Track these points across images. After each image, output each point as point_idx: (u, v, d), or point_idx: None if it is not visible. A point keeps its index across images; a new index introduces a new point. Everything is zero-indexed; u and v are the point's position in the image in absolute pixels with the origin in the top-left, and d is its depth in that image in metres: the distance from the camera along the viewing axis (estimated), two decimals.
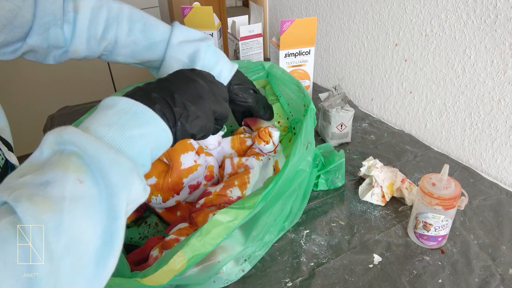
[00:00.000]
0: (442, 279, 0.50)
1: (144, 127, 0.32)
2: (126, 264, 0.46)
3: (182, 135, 0.37)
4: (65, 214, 0.25)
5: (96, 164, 0.27)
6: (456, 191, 0.50)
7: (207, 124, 0.39)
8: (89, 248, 0.26)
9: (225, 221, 0.40)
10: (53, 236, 0.24)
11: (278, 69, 0.65)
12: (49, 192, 0.25)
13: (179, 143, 0.58)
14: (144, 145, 0.32)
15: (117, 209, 0.27)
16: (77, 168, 0.27)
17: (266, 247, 0.53)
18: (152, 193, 0.56)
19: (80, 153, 0.28)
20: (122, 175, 0.28)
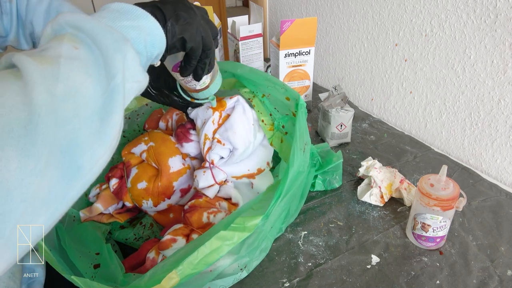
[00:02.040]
0: (440, 280, 0.50)
1: (135, 20, 0.33)
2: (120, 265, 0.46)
3: (172, 39, 0.37)
4: (61, 66, 0.26)
5: (89, 35, 0.29)
6: (455, 192, 0.49)
7: (196, 35, 0.39)
8: (90, 102, 0.27)
9: (223, 243, 0.40)
10: (52, 81, 0.25)
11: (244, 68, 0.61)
12: (45, 53, 0.27)
13: (166, 147, 0.57)
14: (137, 34, 0.33)
15: (113, 69, 0.28)
16: (72, 40, 0.28)
17: (264, 253, 0.52)
18: (143, 197, 0.56)
19: (75, 32, 0.29)
20: (115, 40, 0.29)
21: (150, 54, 0.35)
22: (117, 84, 0.28)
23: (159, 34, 0.35)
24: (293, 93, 0.57)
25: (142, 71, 0.32)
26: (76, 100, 0.26)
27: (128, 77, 0.30)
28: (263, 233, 0.47)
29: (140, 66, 0.32)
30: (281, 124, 0.63)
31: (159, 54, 0.37)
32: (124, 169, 0.59)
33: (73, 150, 0.25)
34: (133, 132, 0.70)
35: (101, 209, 0.58)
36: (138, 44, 0.33)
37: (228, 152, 0.57)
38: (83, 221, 0.57)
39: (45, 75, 0.25)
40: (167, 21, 0.36)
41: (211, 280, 0.45)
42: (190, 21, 0.39)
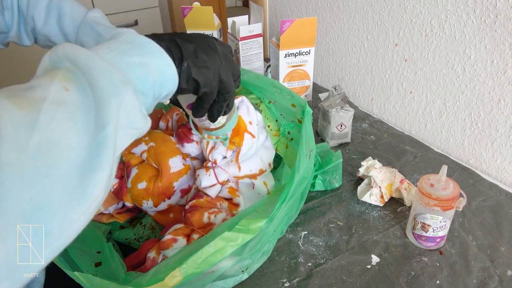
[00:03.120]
0: (440, 280, 0.50)
1: (146, 56, 0.30)
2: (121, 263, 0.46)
3: (186, 80, 0.34)
4: (42, 113, 0.23)
5: (85, 74, 0.26)
6: (455, 192, 0.49)
7: (213, 80, 0.36)
8: (70, 155, 0.23)
9: (227, 244, 0.40)
10: (26, 131, 0.22)
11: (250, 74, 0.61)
12: (29, 94, 0.24)
13: (166, 147, 0.57)
14: (145, 73, 0.29)
15: (104, 117, 0.25)
16: (64, 78, 0.25)
17: (265, 255, 0.52)
18: (143, 197, 0.56)
19: (71, 68, 0.26)
20: (112, 82, 0.26)
21: (158, 94, 0.31)
22: (106, 136, 0.25)
23: (171, 75, 0.32)
24: (299, 100, 0.56)
25: (142, 117, 0.28)
26: (52, 154, 0.22)
27: (124, 124, 0.27)
28: (266, 236, 0.47)
29: (140, 112, 0.28)
30: (286, 130, 0.63)
31: (169, 94, 0.33)
32: (124, 169, 0.59)
33: (38, 215, 0.22)
34: None
35: (101, 209, 0.58)
36: (144, 84, 0.29)
37: (231, 152, 0.57)
38: None
39: (20, 125, 0.22)
40: (183, 61, 0.33)
41: (213, 281, 0.45)
42: (210, 64, 0.35)
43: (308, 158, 0.49)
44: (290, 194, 0.45)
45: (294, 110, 0.59)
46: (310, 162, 0.51)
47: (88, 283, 0.38)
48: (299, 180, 0.47)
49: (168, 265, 0.40)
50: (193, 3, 0.94)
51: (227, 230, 0.40)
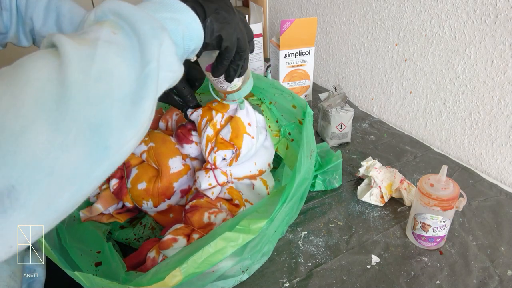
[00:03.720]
0: (440, 280, 0.50)
1: (175, 13, 0.34)
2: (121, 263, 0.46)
3: (211, 35, 0.38)
4: (98, 48, 0.27)
5: (129, 22, 0.29)
6: (455, 192, 0.49)
7: (233, 36, 0.40)
8: (123, 85, 0.27)
9: (228, 244, 0.40)
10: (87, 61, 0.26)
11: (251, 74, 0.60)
12: (85, 35, 0.28)
13: (166, 147, 0.57)
14: (175, 26, 0.33)
15: (148, 54, 0.29)
16: (111, 26, 0.29)
17: (266, 256, 0.52)
18: (143, 198, 0.56)
19: (115, 19, 0.30)
20: (152, 27, 0.30)
21: (187, 47, 0.35)
22: (151, 70, 0.29)
23: (198, 29, 0.36)
24: (300, 101, 0.57)
25: (177, 61, 0.32)
26: (109, 81, 0.26)
27: (163, 66, 0.30)
28: (267, 236, 0.47)
29: (176, 56, 0.32)
30: (287, 131, 0.63)
31: (196, 48, 0.37)
32: (124, 170, 0.59)
33: (102, 130, 0.26)
34: None
35: (101, 209, 0.58)
36: (176, 36, 0.33)
37: (230, 154, 0.57)
38: (83, 221, 0.57)
39: (82, 55, 0.26)
40: (207, 18, 0.37)
41: (213, 281, 0.45)
42: (230, 20, 0.39)
43: (309, 159, 0.49)
44: (291, 194, 0.45)
45: (294, 111, 0.60)
46: (311, 163, 0.51)
47: (88, 283, 0.38)
48: (300, 181, 0.47)
49: (168, 264, 0.40)
50: None
51: (227, 230, 0.40)
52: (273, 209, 0.43)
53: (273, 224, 0.45)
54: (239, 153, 0.56)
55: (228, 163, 0.57)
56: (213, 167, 0.56)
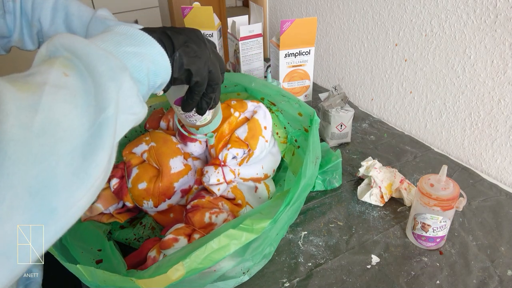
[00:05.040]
0: (440, 280, 0.50)
1: (139, 46, 0.31)
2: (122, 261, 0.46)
3: (179, 70, 0.35)
4: (44, 95, 0.23)
5: (83, 61, 0.26)
6: (455, 192, 0.49)
7: (204, 69, 0.38)
8: (73, 137, 0.24)
9: (231, 241, 0.40)
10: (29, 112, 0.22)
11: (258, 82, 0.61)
12: (30, 79, 0.24)
13: (167, 147, 0.58)
14: (139, 62, 0.31)
15: (105, 99, 0.26)
16: (63, 65, 0.26)
17: (266, 259, 0.52)
18: (144, 197, 0.56)
19: (69, 56, 0.27)
20: (110, 67, 0.27)
21: (152, 83, 0.33)
22: (107, 118, 0.26)
23: (165, 64, 0.33)
24: (307, 109, 0.57)
25: (139, 102, 0.30)
26: (56, 134, 0.23)
27: (123, 109, 0.28)
28: (269, 238, 0.47)
29: (137, 97, 0.29)
30: (294, 138, 0.64)
31: (163, 83, 0.35)
32: (125, 169, 0.59)
33: (45, 191, 0.22)
34: (135, 133, 0.70)
35: (101, 209, 0.58)
36: (139, 72, 0.31)
37: (242, 153, 0.57)
38: (83, 221, 0.57)
39: (22, 106, 0.22)
40: (175, 51, 0.35)
41: (214, 281, 0.45)
42: (200, 54, 0.37)
43: (314, 165, 0.50)
44: (295, 197, 0.45)
45: (300, 119, 0.60)
46: (315, 169, 0.51)
47: (89, 277, 0.38)
48: (304, 185, 0.47)
49: (171, 260, 0.40)
50: (193, 3, 0.94)
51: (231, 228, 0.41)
52: (276, 211, 0.43)
53: (276, 226, 0.45)
54: (252, 153, 0.57)
55: (239, 162, 0.57)
56: (222, 164, 0.56)
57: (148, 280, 0.37)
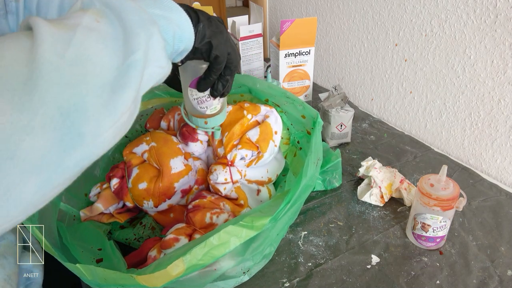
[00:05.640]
0: (440, 280, 0.50)
1: (167, 11, 0.33)
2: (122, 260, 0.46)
3: (201, 39, 0.37)
4: (77, 33, 0.25)
5: (116, 12, 0.28)
6: (455, 192, 0.49)
7: (225, 46, 0.39)
8: (103, 72, 0.26)
9: (231, 238, 0.40)
10: (63, 44, 0.24)
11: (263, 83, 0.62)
12: (65, 21, 0.26)
13: (168, 147, 0.58)
14: (167, 24, 0.32)
15: (134, 44, 0.28)
16: (96, 13, 0.28)
17: (266, 259, 0.52)
18: (144, 197, 0.56)
19: (103, 8, 0.28)
20: (142, 19, 0.29)
21: (177, 47, 0.35)
22: (135, 60, 0.27)
23: (189, 30, 0.35)
24: (311, 111, 0.58)
25: (166, 57, 0.31)
26: (86, 67, 0.25)
27: (151, 60, 0.29)
28: (269, 238, 0.47)
29: (165, 52, 0.31)
30: (296, 140, 0.64)
31: (185, 50, 0.36)
32: (125, 169, 0.59)
33: (75, 115, 0.24)
34: (135, 132, 0.70)
35: (101, 208, 0.58)
36: (166, 33, 0.32)
37: (251, 155, 0.57)
38: (83, 221, 0.57)
39: (57, 38, 0.24)
40: (200, 22, 0.37)
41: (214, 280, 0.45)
42: (222, 30, 0.39)
43: (315, 166, 0.50)
44: (295, 196, 0.45)
45: (303, 121, 0.61)
46: (316, 170, 0.51)
47: (89, 275, 0.38)
48: (305, 186, 0.47)
49: (171, 258, 0.40)
50: (193, 3, 0.94)
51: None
52: (276, 210, 0.43)
53: (276, 226, 0.45)
54: (262, 156, 0.58)
55: (247, 163, 0.58)
56: (230, 164, 0.57)
57: (149, 276, 0.37)
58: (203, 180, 0.60)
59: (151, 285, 0.37)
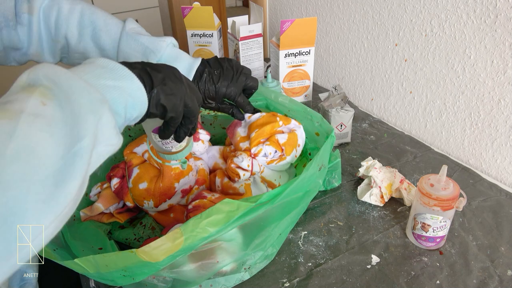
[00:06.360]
0: (440, 280, 0.50)
1: (119, 80, 0.32)
2: None
3: (155, 106, 0.37)
4: (20, 123, 0.24)
5: (64, 92, 0.27)
6: (455, 192, 0.49)
7: (179, 106, 0.39)
8: (46, 164, 0.24)
9: (226, 210, 0.40)
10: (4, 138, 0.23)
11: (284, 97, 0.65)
12: (8, 106, 0.25)
13: None
14: (118, 95, 0.32)
15: (82, 130, 0.26)
16: (42, 94, 0.26)
17: (268, 259, 0.52)
18: (144, 197, 0.56)
19: (49, 85, 0.27)
20: (91, 100, 0.28)
21: (129, 115, 0.34)
22: (82, 148, 0.26)
23: (142, 99, 0.34)
24: (327, 127, 0.60)
25: (116, 134, 0.30)
26: (29, 161, 0.23)
27: (100, 141, 0.28)
28: (271, 237, 0.47)
29: (115, 129, 0.30)
30: (308, 152, 0.66)
31: (138, 116, 0.36)
32: (125, 169, 0.59)
33: (12, 219, 0.22)
34: (138, 131, 0.70)
35: (101, 208, 0.58)
36: (117, 105, 0.31)
37: (274, 153, 0.59)
38: (83, 221, 0.57)
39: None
40: (154, 88, 0.36)
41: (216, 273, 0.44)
42: (176, 92, 0.38)
43: (318, 170, 0.50)
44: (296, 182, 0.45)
45: (317, 138, 0.63)
46: (319, 175, 0.52)
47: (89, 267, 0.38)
48: (306, 177, 0.47)
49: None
50: (193, 3, 0.94)
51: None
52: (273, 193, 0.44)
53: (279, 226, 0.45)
54: (284, 158, 0.60)
55: (269, 161, 0.59)
56: (253, 156, 0.59)
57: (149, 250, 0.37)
58: (203, 180, 0.60)
59: (153, 260, 0.37)
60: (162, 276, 0.44)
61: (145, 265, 0.38)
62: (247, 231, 0.45)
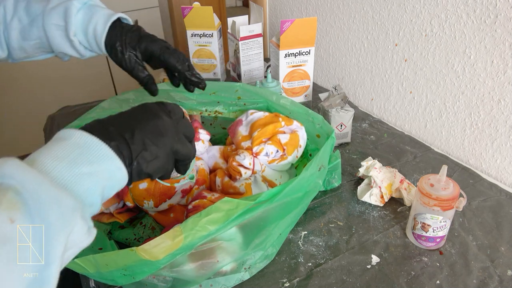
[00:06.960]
0: (440, 280, 0.50)
1: (96, 164, 0.30)
2: None
3: (138, 176, 0.35)
4: None
5: (34, 201, 0.25)
6: (455, 192, 0.49)
7: (166, 165, 0.37)
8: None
9: (225, 208, 0.40)
10: None
11: (286, 99, 0.65)
12: None
13: None
14: (94, 184, 0.30)
15: (51, 254, 0.25)
16: (11, 205, 0.24)
17: (268, 259, 0.52)
18: (145, 197, 0.56)
19: (19, 188, 0.25)
20: (62, 214, 0.26)
21: (107, 195, 0.32)
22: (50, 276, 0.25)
23: (122, 176, 0.32)
24: (327, 128, 0.60)
25: (88, 236, 0.29)
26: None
27: (71, 246, 0.27)
28: (271, 237, 0.47)
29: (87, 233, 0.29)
30: (309, 153, 0.66)
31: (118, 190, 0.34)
32: None
33: None
34: None
35: (102, 208, 0.58)
36: (92, 196, 0.30)
37: (275, 152, 0.60)
38: None
39: None
40: (133, 160, 0.33)
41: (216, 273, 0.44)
42: (160, 153, 0.35)
43: (318, 170, 0.50)
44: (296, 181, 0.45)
45: (318, 140, 0.63)
46: (319, 175, 0.52)
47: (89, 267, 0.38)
48: (305, 177, 0.47)
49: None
50: (193, 3, 0.94)
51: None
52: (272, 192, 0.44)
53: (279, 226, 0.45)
54: (286, 157, 0.60)
55: (270, 160, 0.60)
56: (255, 155, 0.59)
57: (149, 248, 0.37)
58: (203, 180, 0.60)
59: (153, 258, 0.37)
60: (162, 276, 0.44)
61: (145, 264, 0.38)
62: (247, 230, 0.45)
